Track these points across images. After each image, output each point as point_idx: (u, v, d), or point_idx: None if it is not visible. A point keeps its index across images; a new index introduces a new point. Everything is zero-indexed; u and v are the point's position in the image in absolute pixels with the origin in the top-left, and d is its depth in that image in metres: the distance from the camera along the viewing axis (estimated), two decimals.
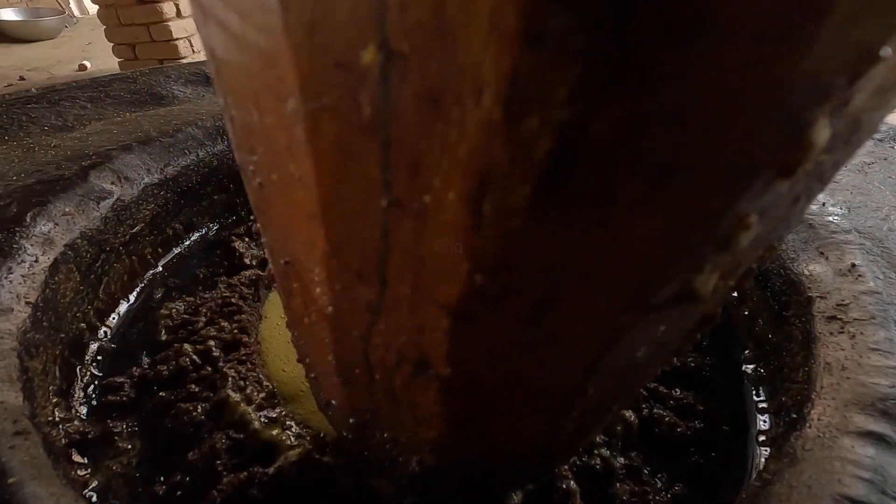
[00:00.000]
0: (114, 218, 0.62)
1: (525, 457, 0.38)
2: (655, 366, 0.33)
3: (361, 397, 0.35)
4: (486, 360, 0.26)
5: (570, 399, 0.30)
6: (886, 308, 0.44)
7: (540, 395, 0.30)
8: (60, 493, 0.35)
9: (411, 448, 0.36)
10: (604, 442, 0.49)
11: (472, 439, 0.34)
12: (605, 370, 0.27)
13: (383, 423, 0.36)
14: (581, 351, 0.26)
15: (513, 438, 0.35)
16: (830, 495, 0.32)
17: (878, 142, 0.75)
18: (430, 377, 0.28)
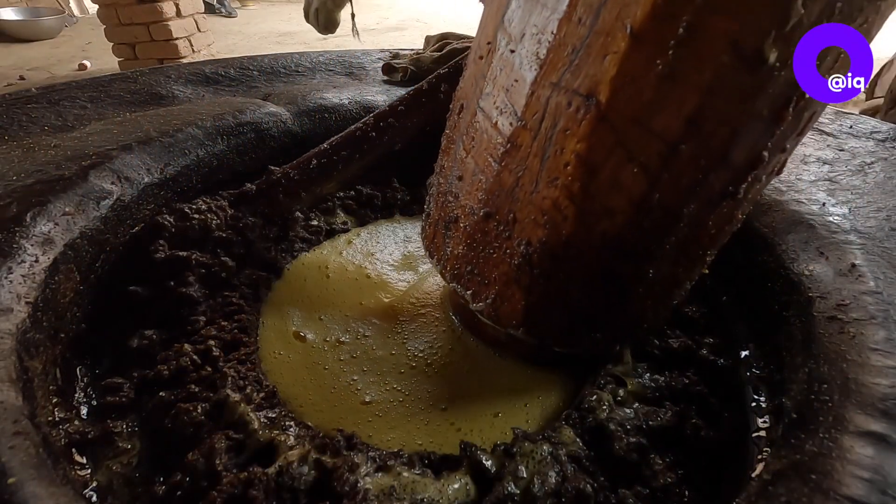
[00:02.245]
0: (114, 218, 0.62)
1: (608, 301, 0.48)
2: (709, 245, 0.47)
3: (513, 167, 0.45)
4: (636, 103, 0.37)
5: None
6: (886, 308, 0.44)
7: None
8: (60, 493, 0.35)
9: (524, 233, 0.46)
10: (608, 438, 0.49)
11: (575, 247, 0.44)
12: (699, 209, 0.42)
13: (513, 202, 0.46)
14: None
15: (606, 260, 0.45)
16: (831, 495, 0.32)
17: (879, 142, 0.75)
18: (589, 107, 0.38)
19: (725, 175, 0.40)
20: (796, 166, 0.70)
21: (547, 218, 0.44)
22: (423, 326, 0.65)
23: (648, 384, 0.55)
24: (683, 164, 0.39)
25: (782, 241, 0.57)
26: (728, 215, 0.44)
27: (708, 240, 0.46)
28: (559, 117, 0.41)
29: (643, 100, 0.37)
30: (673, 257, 0.45)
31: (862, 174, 0.66)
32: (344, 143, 0.76)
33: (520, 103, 0.43)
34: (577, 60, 0.39)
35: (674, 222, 0.42)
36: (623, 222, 0.42)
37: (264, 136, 0.84)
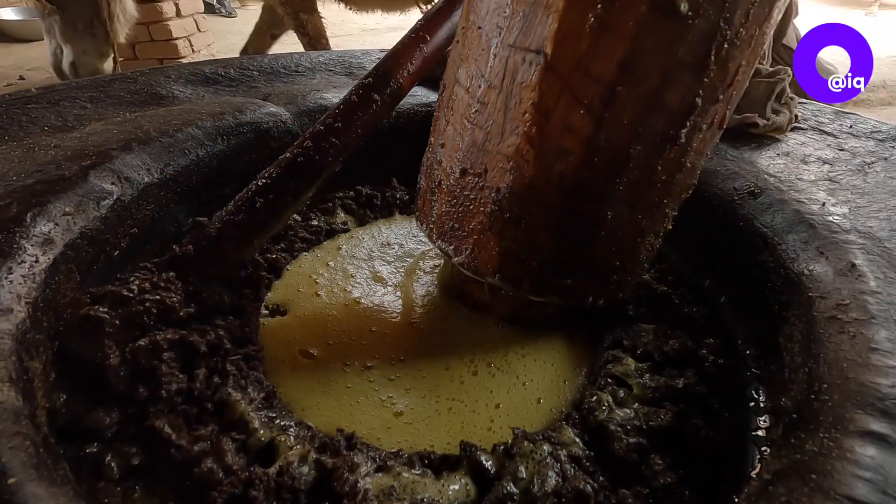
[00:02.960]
0: (114, 218, 0.62)
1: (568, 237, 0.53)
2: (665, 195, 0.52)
3: (482, 123, 0.52)
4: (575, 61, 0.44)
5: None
6: (887, 308, 0.44)
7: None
8: (60, 493, 0.35)
9: (494, 181, 0.52)
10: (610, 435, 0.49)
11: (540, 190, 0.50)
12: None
13: (485, 155, 0.53)
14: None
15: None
16: (831, 495, 0.32)
17: (879, 142, 0.75)
18: (539, 61, 0.45)
19: (663, 117, 0.47)
20: (796, 166, 0.70)
21: (512, 164, 0.51)
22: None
23: (648, 384, 0.55)
24: (622, 105, 0.46)
25: (782, 240, 0.57)
26: (676, 162, 0.50)
27: (662, 186, 0.51)
28: (516, 73, 0.48)
29: (581, 49, 0.44)
30: (629, 200, 0.51)
31: (862, 174, 0.66)
32: (288, 174, 0.64)
33: (485, 67, 0.51)
34: (526, 23, 0.46)
35: (623, 162, 0.48)
36: (576, 161, 0.49)
37: (264, 136, 0.84)
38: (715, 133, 0.52)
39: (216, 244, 0.62)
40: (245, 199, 0.63)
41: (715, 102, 0.48)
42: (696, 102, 0.46)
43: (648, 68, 0.44)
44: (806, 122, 0.82)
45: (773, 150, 0.74)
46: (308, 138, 0.65)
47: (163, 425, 0.46)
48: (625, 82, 0.44)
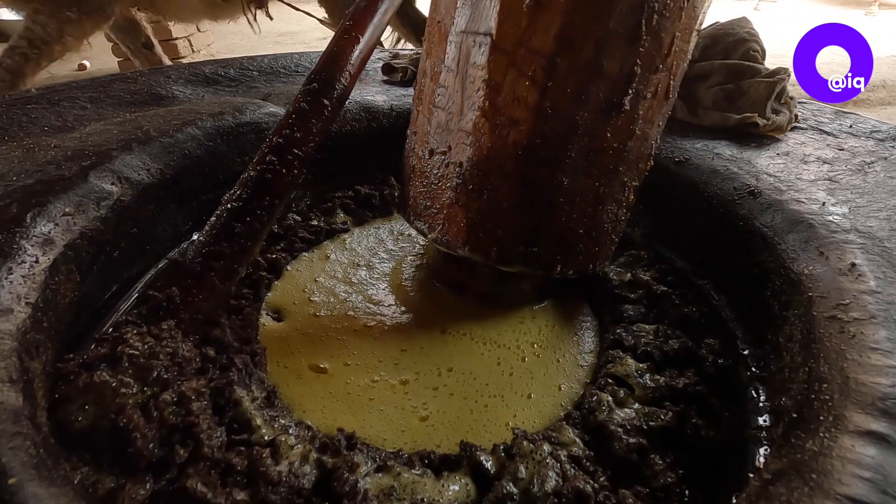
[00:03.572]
0: (114, 218, 0.62)
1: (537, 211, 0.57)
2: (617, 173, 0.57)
3: (444, 105, 0.58)
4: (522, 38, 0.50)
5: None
6: (887, 307, 0.44)
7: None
8: (61, 493, 0.35)
9: (457, 156, 0.57)
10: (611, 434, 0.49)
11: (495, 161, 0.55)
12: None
13: (448, 134, 0.58)
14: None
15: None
16: (831, 495, 0.32)
17: (879, 142, 0.75)
18: (486, 41, 0.52)
19: (604, 85, 0.51)
20: (796, 166, 0.70)
21: (471, 138, 0.56)
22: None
23: (648, 384, 0.55)
24: (564, 75, 0.51)
25: (782, 240, 0.57)
26: (625, 129, 0.54)
27: (614, 154, 0.55)
28: (469, 55, 0.54)
29: (522, 27, 0.50)
30: (583, 167, 0.55)
31: (862, 173, 0.66)
32: (259, 193, 0.60)
33: (444, 54, 0.57)
34: (475, 10, 0.53)
35: (571, 128, 0.53)
36: (527, 129, 0.53)
37: (264, 136, 0.84)
38: (662, 103, 0.56)
39: (202, 281, 0.56)
40: (221, 226, 0.58)
41: (655, 71, 0.52)
42: (635, 71, 0.51)
43: (583, 40, 0.49)
44: (806, 121, 0.82)
45: (772, 149, 0.74)
46: (270, 153, 0.61)
47: (196, 484, 0.40)
48: (563, 54, 0.50)
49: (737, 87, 0.80)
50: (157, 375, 0.46)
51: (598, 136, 0.54)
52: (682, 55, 0.54)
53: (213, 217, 0.59)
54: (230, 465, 0.43)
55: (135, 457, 0.41)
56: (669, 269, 0.71)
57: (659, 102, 0.55)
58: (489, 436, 0.52)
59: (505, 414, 0.55)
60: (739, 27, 0.85)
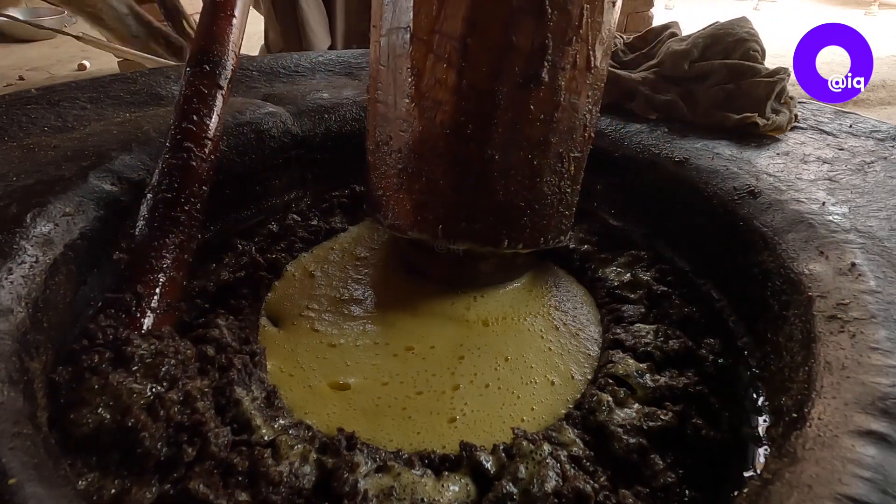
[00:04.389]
0: (114, 218, 0.62)
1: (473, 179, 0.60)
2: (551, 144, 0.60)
3: (383, 98, 0.63)
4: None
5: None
6: (887, 307, 0.44)
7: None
8: (61, 493, 0.35)
9: (396, 143, 0.63)
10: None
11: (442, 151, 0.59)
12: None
13: (388, 124, 0.63)
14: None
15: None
16: (831, 494, 0.32)
17: (879, 142, 0.75)
18: (406, 33, 0.57)
19: (518, 60, 0.54)
20: (796, 165, 0.70)
21: (406, 124, 0.61)
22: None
23: (648, 384, 0.55)
24: (477, 54, 0.55)
25: (782, 240, 0.57)
26: (549, 101, 0.57)
27: (542, 125, 0.58)
28: (395, 49, 0.59)
29: (433, 15, 0.54)
30: (511, 140, 0.58)
31: (862, 173, 0.66)
32: (184, 181, 0.60)
33: (379, 53, 0.62)
34: (395, 8, 0.58)
35: (492, 104, 0.56)
36: (451, 109, 0.57)
37: (264, 136, 0.84)
38: (585, 73, 0.58)
39: (163, 273, 0.56)
40: (163, 217, 0.58)
41: (569, 43, 0.55)
42: (547, 44, 0.54)
43: (490, 20, 0.53)
44: (805, 121, 0.82)
45: (772, 149, 0.74)
46: (185, 139, 0.62)
47: (198, 486, 0.40)
48: (473, 35, 0.54)
49: (737, 87, 0.80)
50: (165, 374, 0.46)
51: (522, 110, 0.57)
52: (597, 26, 0.56)
53: (146, 210, 0.59)
54: (231, 466, 0.43)
55: (143, 457, 0.41)
56: (669, 269, 0.71)
57: (581, 73, 0.58)
58: (488, 436, 0.52)
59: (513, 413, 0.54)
60: (739, 27, 0.84)
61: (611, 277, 0.71)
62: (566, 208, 0.67)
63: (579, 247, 0.77)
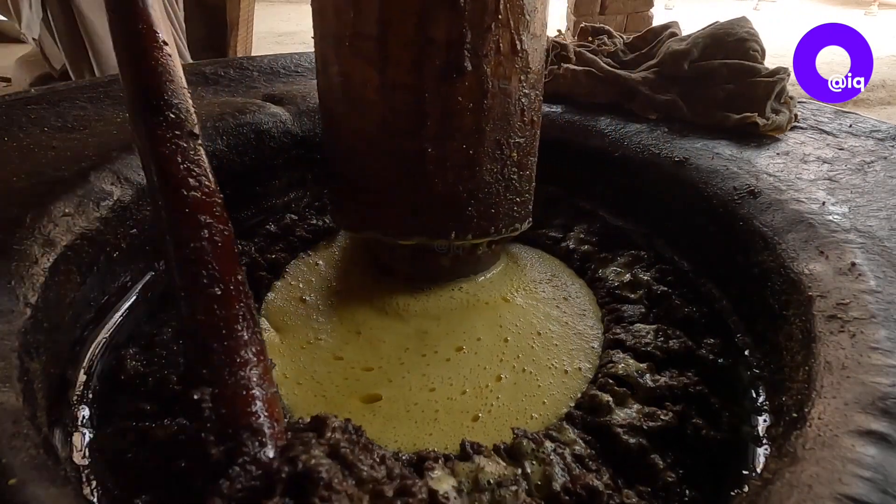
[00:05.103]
0: (114, 219, 0.62)
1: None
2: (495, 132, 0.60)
3: (326, 104, 0.66)
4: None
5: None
6: (887, 307, 0.44)
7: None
8: (61, 494, 0.35)
9: (338, 146, 0.66)
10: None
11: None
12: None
13: (332, 130, 0.67)
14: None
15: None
16: (831, 494, 0.32)
17: (879, 141, 0.75)
18: (328, 38, 0.60)
19: (438, 51, 0.55)
20: (796, 165, 0.70)
21: (344, 126, 0.63)
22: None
23: (649, 384, 0.55)
24: (395, 50, 0.56)
25: (782, 240, 0.57)
26: (476, 89, 0.57)
27: (472, 114, 0.58)
28: (326, 55, 0.61)
29: (351, 19, 0.56)
30: (444, 132, 0.59)
31: (862, 173, 0.66)
32: (230, 266, 0.44)
33: (318, 63, 0.65)
34: (322, 19, 0.60)
35: (418, 97, 0.57)
36: (380, 107, 0.59)
37: (264, 136, 0.84)
38: (511, 58, 0.58)
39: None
40: (223, 324, 0.40)
41: (488, 30, 0.55)
42: (465, 33, 0.54)
43: (403, 16, 0.54)
44: (805, 121, 0.82)
45: (772, 149, 0.74)
46: (197, 212, 0.45)
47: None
48: (389, 32, 0.55)
49: (737, 87, 0.80)
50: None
51: (450, 101, 0.57)
52: (518, 9, 0.56)
53: (196, 326, 0.41)
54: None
55: None
56: (669, 269, 0.71)
57: (507, 58, 0.58)
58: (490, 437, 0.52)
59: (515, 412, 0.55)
60: (739, 27, 0.85)
61: (611, 277, 0.71)
62: (516, 195, 0.66)
63: (579, 247, 0.77)
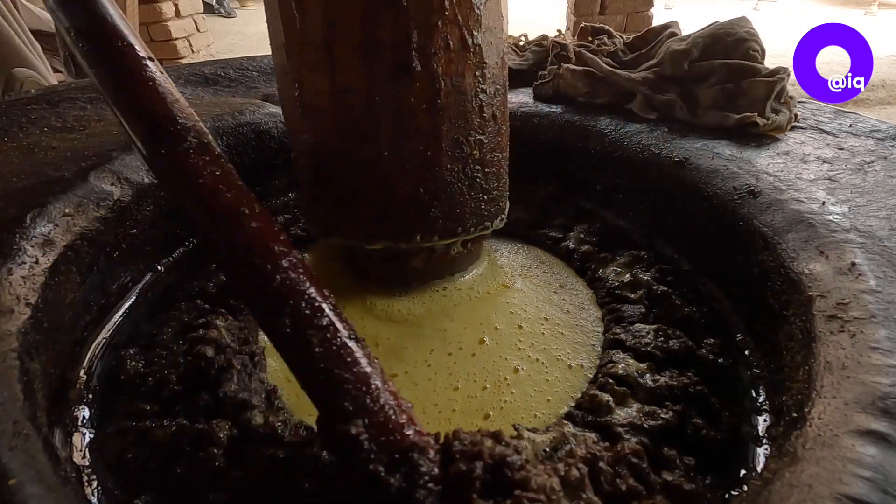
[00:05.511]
0: (113, 219, 0.62)
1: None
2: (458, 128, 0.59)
3: (287, 115, 0.66)
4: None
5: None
6: (887, 307, 0.44)
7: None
8: (60, 493, 0.35)
9: (301, 155, 0.65)
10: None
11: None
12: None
13: (295, 142, 0.66)
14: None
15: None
16: (831, 494, 0.32)
17: (878, 141, 0.75)
18: (282, 49, 0.59)
19: (385, 52, 0.54)
20: (796, 165, 0.70)
21: (303, 136, 0.62)
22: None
23: (649, 384, 0.55)
24: (342, 54, 0.55)
25: (782, 239, 0.57)
26: (428, 87, 0.56)
27: (427, 115, 0.57)
28: (281, 65, 0.61)
29: (298, 26, 0.56)
30: (400, 133, 0.58)
31: (862, 173, 0.66)
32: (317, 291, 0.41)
33: (276, 73, 0.64)
34: (273, 27, 0.59)
35: (370, 101, 0.56)
36: (332, 113, 0.58)
37: (263, 136, 0.84)
38: (463, 55, 0.57)
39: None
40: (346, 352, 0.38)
41: (434, 30, 0.54)
42: (410, 33, 0.53)
43: (347, 19, 0.53)
44: (805, 121, 0.82)
45: (772, 149, 0.74)
46: (266, 242, 0.42)
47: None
48: (334, 37, 0.54)
49: (736, 87, 0.80)
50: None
51: (402, 102, 0.56)
52: (466, 5, 0.55)
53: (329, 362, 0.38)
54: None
55: None
56: (669, 269, 0.71)
57: (459, 54, 0.57)
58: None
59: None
60: (739, 27, 0.85)
61: (611, 277, 0.71)
62: (482, 193, 0.65)
63: (579, 247, 0.77)
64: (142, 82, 0.46)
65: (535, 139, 0.89)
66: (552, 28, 1.57)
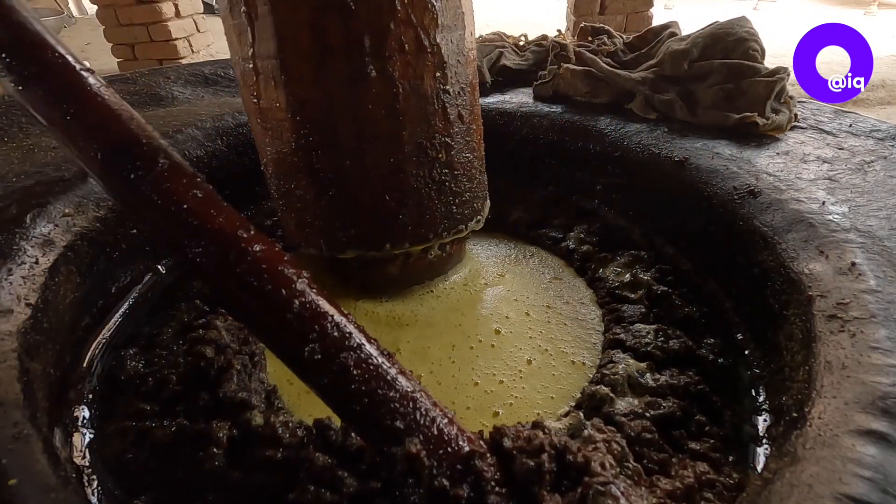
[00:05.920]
0: (113, 219, 0.62)
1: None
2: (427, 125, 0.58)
3: (252, 128, 0.64)
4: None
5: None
6: (887, 306, 0.44)
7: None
8: (60, 494, 0.35)
9: (269, 167, 0.65)
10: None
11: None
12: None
13: (262, 157, 0.65)
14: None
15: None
16: (831, 494, 0.32)
17: (878, 141, 0.75)
18: (247, 68, 0.58)
19: (339, 60, 0.53)
20: (796, 165, 0.70)
21: (266, 148, 0.62)
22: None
23: (649, 384, 0.55)
24: (296, 65, 0.54)
25: (782, 239, 0.57)
26: (386, 92, 0.55)
27: (388, 119, 0.56)
28: (241, 79, 0.60)
29: (251, 41, 0.54)
30: (362, 140, 0.57)
31: (862, 173, 0.66)
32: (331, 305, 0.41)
33: (240, 90, 0.63)
34: (231, 43, 0.59)
35: (328, 110, 0.56)
36: (290, 125, 0.57)
37: None
38: (419, 57, 0.55)
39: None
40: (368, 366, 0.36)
41: (387, 32, 0.53)
42: (362, 38, 0.52)
43: (296, 28, 0.52)
44: (805, 121, 0.82)
45: (772, 149, 0.74)
46: (263, 262, 0.38)
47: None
48: (285, 48, 0.53)
49: (736, 87, 0.80)
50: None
51: (360, 109, 0.55)
52: (421, 4, 0.53)
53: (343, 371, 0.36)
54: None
55: None
56: (669, 269, 0.71)
57: (416, 56, 0.55)
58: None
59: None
60: (739, 27, 0.84)
61: (611, 277, 0.71)
62: (453, 196, 0.63)
63: (579, 247, 0.77)
64: (88, 98, 0.37)
65: (534, 139, 0.89)
66: (552, 28, 1.57)
